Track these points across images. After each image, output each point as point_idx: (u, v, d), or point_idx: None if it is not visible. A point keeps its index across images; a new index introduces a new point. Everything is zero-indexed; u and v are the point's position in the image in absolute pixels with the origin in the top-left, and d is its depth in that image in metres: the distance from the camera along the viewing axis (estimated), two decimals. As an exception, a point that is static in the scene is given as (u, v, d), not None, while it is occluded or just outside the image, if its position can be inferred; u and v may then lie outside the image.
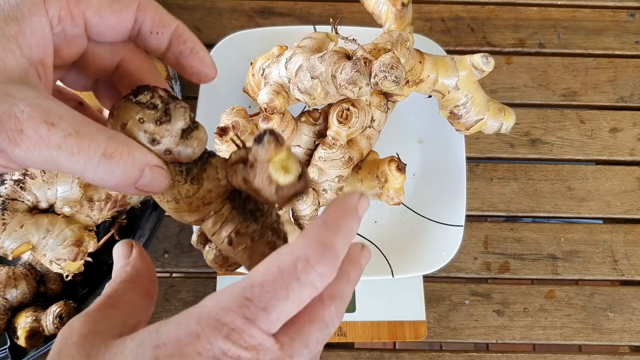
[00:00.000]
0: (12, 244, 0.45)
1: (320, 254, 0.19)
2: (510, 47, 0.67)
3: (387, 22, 0.47)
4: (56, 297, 0.51)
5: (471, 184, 0.61)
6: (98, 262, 0.52)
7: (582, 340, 0.57)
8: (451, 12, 0.68)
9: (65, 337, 0.20)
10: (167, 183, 0.22)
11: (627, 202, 0.61)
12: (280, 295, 0.19)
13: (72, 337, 0.20)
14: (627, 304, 0.58)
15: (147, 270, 0.24)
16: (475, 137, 0.62)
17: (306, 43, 0.44)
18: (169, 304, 0.57)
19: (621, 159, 0.63)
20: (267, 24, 0.66)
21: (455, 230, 0.54)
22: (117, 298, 0.22)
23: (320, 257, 0.19)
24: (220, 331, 0.18)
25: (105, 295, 0.23)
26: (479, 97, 0.47)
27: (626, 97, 0.65)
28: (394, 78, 0.37)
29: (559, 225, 0.61)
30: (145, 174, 0.21)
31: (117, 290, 0.23)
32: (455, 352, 0.56)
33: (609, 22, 0.68)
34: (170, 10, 0.63)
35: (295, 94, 0.42)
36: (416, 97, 0.51)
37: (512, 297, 0.58)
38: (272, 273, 0.19)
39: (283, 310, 0.19)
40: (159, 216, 0.53)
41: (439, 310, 0.57)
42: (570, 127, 0.64)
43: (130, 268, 0.24)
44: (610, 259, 0.59)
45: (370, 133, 0.48)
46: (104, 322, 0.21)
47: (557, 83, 0.65)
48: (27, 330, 0.47)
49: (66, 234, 0.47)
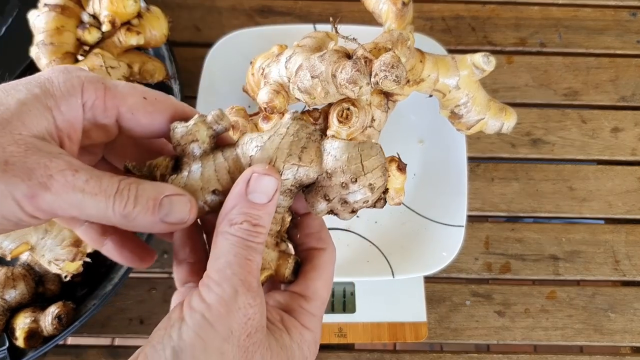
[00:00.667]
0: (10, 244, 0.45)
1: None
2: (511, 47, 0.67)
3: (388, 21, 0.46)
4: (55, 297, 0.50)
5: (472, 184, 0.60)
6: (97, 263, 0.52)
7: (583, 341, 0.56)
8: (452, 11, 0.67)
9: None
10: (191, 211, 0.24)
11: (629, 202, 0.61)
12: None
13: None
14: (628, 304, 0.57)
15: None
16: (476, 137, 0.62)
17: (306, 42, 0.44)
18: (168, 305, 0.56)
19: (623, 159, 0.63)
20: (267, 22, 0.66)
21: (456, 231, 0.53)
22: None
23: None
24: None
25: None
26: (480, 96, 0.47)
27: (628, 96, 0.65)
28: (395, 77, 0.37)
29: (561, 225, 0.60)
30: (164, 204, 0.23)
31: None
32: (456, 353, 0.56)
33: (611, 22, 0.67)
34: (170, 9, 0.63)
35: (295, 93, 0.41)
36: (417, 97, 0.51)
37: (513, 297, 0.57)
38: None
39: None
40: (158, 216, 0.53)
41: (439, 311, 0.57)
42: (571, 127, 0.63)
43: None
44: (612, 260, 0.59)
45: (370, 133, 0.48)
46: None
47: (559, 83, 0.65)
48: (25, 331, 0.47)
49: (65, 234, 0.46)
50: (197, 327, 0.21)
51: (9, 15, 0.59)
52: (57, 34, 0.49)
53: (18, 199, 0.20)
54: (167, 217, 0.23)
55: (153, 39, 0.54)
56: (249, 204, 0.23)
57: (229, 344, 0.21)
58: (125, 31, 0.51)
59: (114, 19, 0.50)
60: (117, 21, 0.50)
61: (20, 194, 0.20)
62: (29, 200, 0.20)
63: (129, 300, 0.56)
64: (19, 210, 0.20)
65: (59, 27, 0.49)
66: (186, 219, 0.23)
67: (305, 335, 0.24)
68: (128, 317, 0.56)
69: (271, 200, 0.24)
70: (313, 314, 0.25)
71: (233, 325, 0.21)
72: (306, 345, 0.24)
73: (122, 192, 0.22)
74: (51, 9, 0.49)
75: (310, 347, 0.25)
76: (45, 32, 0.49)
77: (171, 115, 0.25)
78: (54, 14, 0.49)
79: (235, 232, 0.23)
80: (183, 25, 0.65)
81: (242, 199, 0.23)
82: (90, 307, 0.49)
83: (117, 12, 0.50)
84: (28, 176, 0.20)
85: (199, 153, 0.25)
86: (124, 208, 0.22)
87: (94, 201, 0.21)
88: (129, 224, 0.22)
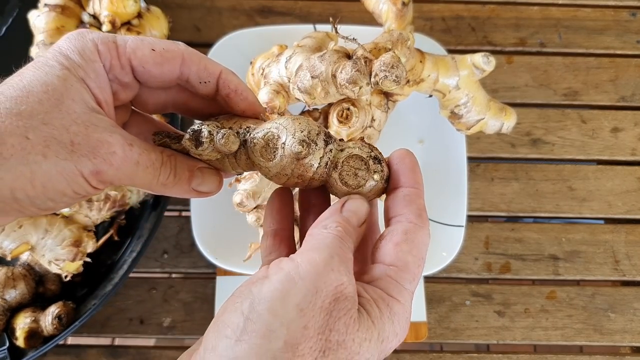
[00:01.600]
0: (11, 244, 0.45)
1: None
2: (511, 47, 0.67)
3: (388, 21, 0.46)
4: (55, 297, 0.51)
5: (472, 184, 0.60)
6: (97, 263, 0.52)
7: (583, 341, 0.56)
8: (452, 11, 0.67)
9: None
10: (219, 183, 0.26)
11: (629, 202, 0.61)
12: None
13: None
14: (628, 304, 0.57)
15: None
16: (476, 137, 0.62)
17: (306, 42, 0.44)
18: (168, 305, 0.57)
19: (622, 159, 0.63)
20: (267, 23, 0.66)
21: (456, 231, 0.53)
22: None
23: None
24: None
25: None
26: (479, 96, 0.47)
27: (627, 96, 0.65)
28: (395, 77, 0.37)
29: (560, 225, 0.60)
30: (197, 175, 0.25)
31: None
32: (456, 353, 0.56)
33: (610, 22, 0.68)
34: (170, 9, 0.63)
35: (295, 93, 0.41)
36: (417, 97, 0.51)
37: (513, 297, 0.57)
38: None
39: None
40: (158, 216, 0.53)
41: (439, 311, 0.57)
42: (571, 126, 0.64)
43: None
44: (612, 260, 0.59)
45: (370, 133, 0.48)
46: None
47: (558, 83, 0.65)
48: (25, 330, 0.47)
49: (65, 234, 0.47)
50: (280, 282, 0.20)
51: (9, 16, 0.59)
52: (57, 34, 0.49)
53: (86, 176, 0.21)
54: (199, 186, 0.26)
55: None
56: (342, 218, 0.24)
57: (311, 302, 0.20)
58: (125, 31, 0.51)
59: (114, 19, 0.50)
60: (117, 21, 0.50)
61: (88, 172, 0.21)
62: (95, 176, 0.22)
63: (129, 300, 0.56)
64: (87, 185, 0.22)
65: (59, 27, 0.49)
66: (214, 190, 0.26)
67: (394, 308, 0.23)
68: (128, 317, 0.56)
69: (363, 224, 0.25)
70: (403, 286, 0.23)
71: (320, 285, 0.20)
72: (397, 319, 0.22)
73: (165, 164, 0.24)
74: (51, 9, 0.49)
75: (401, 322, 0.23)
76: (46, 32, 0.49)
77: (180, 63, 0.25)
78: (54, 14, 0.49)
79: (331, 230, 0.23)
80: (183, 25, 0.65)
81: (337, 213, 0.24)
82: (90, 307, 0.49)
83: (117, 12, 0.50)
84: (93, 154, 0.21)
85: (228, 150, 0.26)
86: (166, 179, 0.24)
87: (145, 173, 0.23)
88: (165, 191, 0.25)
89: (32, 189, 0.20)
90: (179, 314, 0.56)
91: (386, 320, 0.22)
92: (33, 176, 0.20)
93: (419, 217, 0.26)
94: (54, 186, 0.21)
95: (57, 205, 0.22)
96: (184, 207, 0.59)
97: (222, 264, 0.53)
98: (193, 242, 0.54)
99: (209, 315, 0.56)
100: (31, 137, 0.20)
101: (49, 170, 0.20)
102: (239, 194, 0.47)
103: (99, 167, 0.22)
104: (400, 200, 0.25)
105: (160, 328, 0.56)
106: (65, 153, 0.21)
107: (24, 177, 0.20)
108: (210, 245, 0.53)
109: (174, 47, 0.25)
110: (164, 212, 0.53)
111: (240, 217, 0.52)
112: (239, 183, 0.48)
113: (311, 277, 0.20)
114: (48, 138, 0.20)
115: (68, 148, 0.21)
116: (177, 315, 0.56)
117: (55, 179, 0.21)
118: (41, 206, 0.21)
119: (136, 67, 0.25)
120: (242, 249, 0.51)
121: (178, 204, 0.60)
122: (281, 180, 0.25)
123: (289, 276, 0.21)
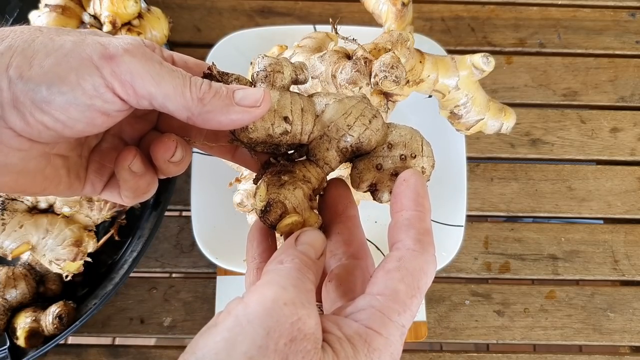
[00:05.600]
0: (11, 244, 0.45)
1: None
2: (510, 47, 0.67)
3: (387, 22, 0.46)
4: (56, 297, 0.51)
5: (471, 184, 0.61)
6: (97, 262, 0.52)
7: (582, 341, 0.57)
8: (451, 11, 0.67)
9: None
10: (265, 97, 0.23)
11: (628, 202, 0.61)
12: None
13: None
14: (627, 304, 0.58)
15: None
16: (476, 137, 0.62)
17: (306, 43, 0.44)
18: (168, 304, 0.57)
19: (622, 159, 0.63)
20: (267, 23, 0.66)
21: (456, 231, 0.54)
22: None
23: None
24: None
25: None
26: (479, 97, 0.47)
27: (627, 97, 0.65)
28: (394, 78, 0.37)
29: (560, 225, 0.60)
30: (238, 91, 0.23)
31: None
32: (456, 353, 0.56)
33: (610, 22, 0.68)
34: (170, 10, 0.64)
35: (295, 93, 0.41)
36: (416, 97, 0.51)
37: (512, 297, 0.58)
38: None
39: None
40: (159, 216, 0.53)
41: (439, 311, 0.57)
42: (570, 127, 0.64)
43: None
44: (611, 259, 0.59)
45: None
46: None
47: (558, 83, 0.65)
48: (26, 330, 0.47)
49: (66, 234, 0.47)
50: (227, 330, 0.18)
51: (9, 16, 0.59)
52: (58, 34, 0.49)
53: (96, 62, 0.20)
54: (242, 100, 0.23)
55: (153, 39, 0.54)
56: (297, 252, 0.22)
57: (261, 348, 0.17)
58: (125, 32, 0.51)
59: (115, 19, 0.50)
60: (118, 22, 0.50)
61: (98, 56, 0.20)
62: (107, 62, 0.20)
63: (129, 299, 0.57)
64: (99, 79, 0.20)
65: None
66: (260, 101, 0.23)
67: (375, 343, 0.19)
68: (128, 316, 0.56)
69: (321, 256, 0.23)
70: (389, 317, 0.20)
71: (271, 324, 0.18)
72: (377, 356, 0.19)
73: (195, 80, 0.22)
74: (52, 10, 0.49)
75: (382, 358, 0.19)
76: (46, 33, 0.49)
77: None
78: (55, 14, 0.49)
79: (287, 264, 0.21)
80: (183, 25, 0.65)
81: (291, 247, 0.22)
82: (91, 307, 0.49)
83: (117, 13, 0.50)
84: (109, 40, 0.21)
85: (279, 84, 0.25)
86: (199, 89, 0.22)
87: (171, 77, 0.21)
88: (204, 109, 0.22)
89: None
90: (179, 313, 0.56)
91: (362, 358, 0.19)
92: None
93: (417, 242, 0.24)
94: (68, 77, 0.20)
95: (78, 121, 0.20)
96: (184, 207, 0.59)
97: (223, 263, 0.53)
98: (193, 242, 0.54)
99: (209, 315, 0.56)
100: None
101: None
102: (239, 194, 0.47)
103: (111, 51, 0.20)
104: (401, 225, 0.24)
105: (161, 328, 0.56)
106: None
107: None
108: (210, 245, 0.53)
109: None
110: (164, 212, 0.54)
111: (241, 217, 0.52)
112: (239, 183, 0.48)
113: (260, 317, 0.18)
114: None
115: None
116: (177, 315, 0.56)
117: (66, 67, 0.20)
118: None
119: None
120: (242, 248, 0.50)
121: (178, 204, 0.60)
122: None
123: (236, 321, 0.18)
